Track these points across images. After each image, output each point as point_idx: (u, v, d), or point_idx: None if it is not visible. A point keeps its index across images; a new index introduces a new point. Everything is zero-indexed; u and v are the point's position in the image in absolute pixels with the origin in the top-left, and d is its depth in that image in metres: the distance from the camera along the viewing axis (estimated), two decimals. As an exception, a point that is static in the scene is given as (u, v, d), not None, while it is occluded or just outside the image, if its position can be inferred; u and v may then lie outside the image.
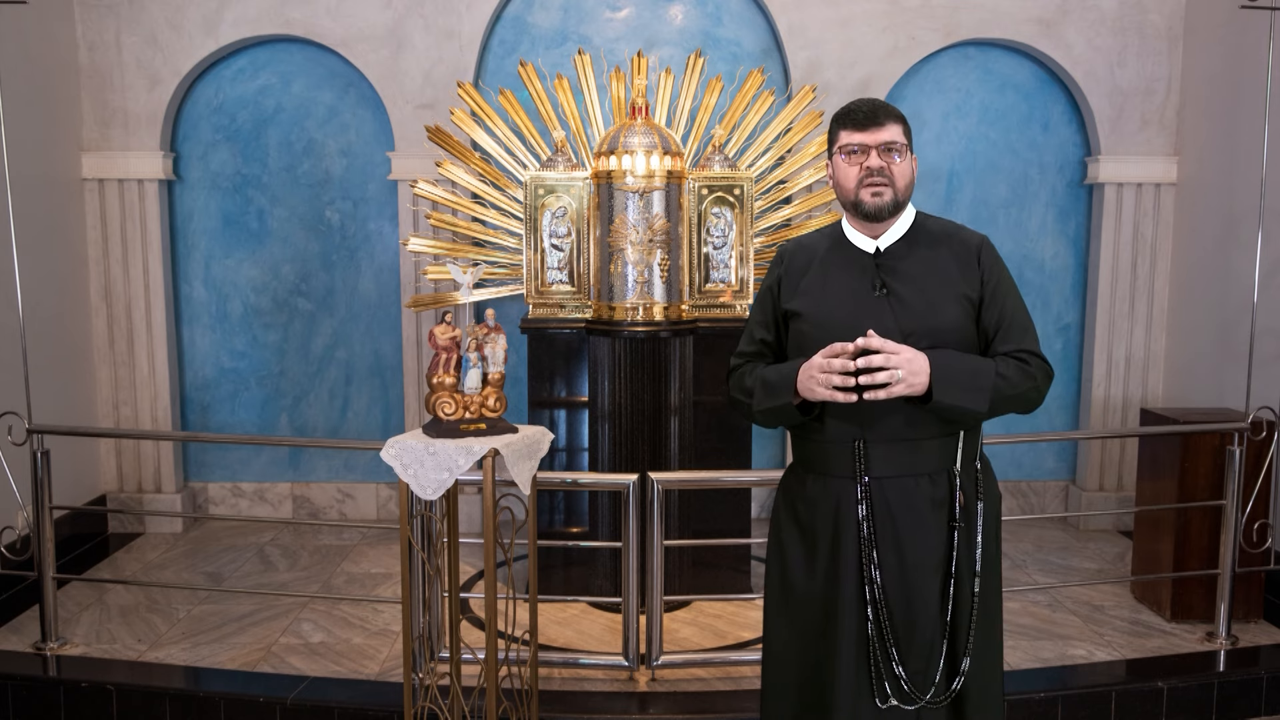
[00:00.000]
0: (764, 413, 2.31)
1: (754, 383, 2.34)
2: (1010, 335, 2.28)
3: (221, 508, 5.55)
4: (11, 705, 3.59)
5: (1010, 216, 5.50)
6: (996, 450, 5.02)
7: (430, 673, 3.01)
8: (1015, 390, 2.21)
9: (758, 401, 2.32)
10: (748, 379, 2.37)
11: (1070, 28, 5.22)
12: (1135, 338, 5.37)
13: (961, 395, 2.16)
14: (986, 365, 2.21)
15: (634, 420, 4.07)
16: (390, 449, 2.65)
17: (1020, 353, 2.26)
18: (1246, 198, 4.58)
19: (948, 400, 2.15)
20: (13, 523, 3.97)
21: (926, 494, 2.25)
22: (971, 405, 2.17)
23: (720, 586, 4.34)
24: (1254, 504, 3.93)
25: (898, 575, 2.23)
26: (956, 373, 2.16)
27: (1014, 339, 2.28)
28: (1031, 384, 2.24)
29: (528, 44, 5.32)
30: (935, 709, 2.25)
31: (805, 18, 5.19)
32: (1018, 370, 2.23)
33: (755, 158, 4.55)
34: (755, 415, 2.34)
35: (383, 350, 5.49)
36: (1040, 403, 2.30)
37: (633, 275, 4.06)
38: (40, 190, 4.78)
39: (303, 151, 5.38)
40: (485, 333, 2.76)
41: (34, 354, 4.07)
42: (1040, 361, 2.28)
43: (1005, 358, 2.25)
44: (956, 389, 2.15)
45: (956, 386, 2.15)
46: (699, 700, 3.47)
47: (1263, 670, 3.67)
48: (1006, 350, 2.26)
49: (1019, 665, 3.71)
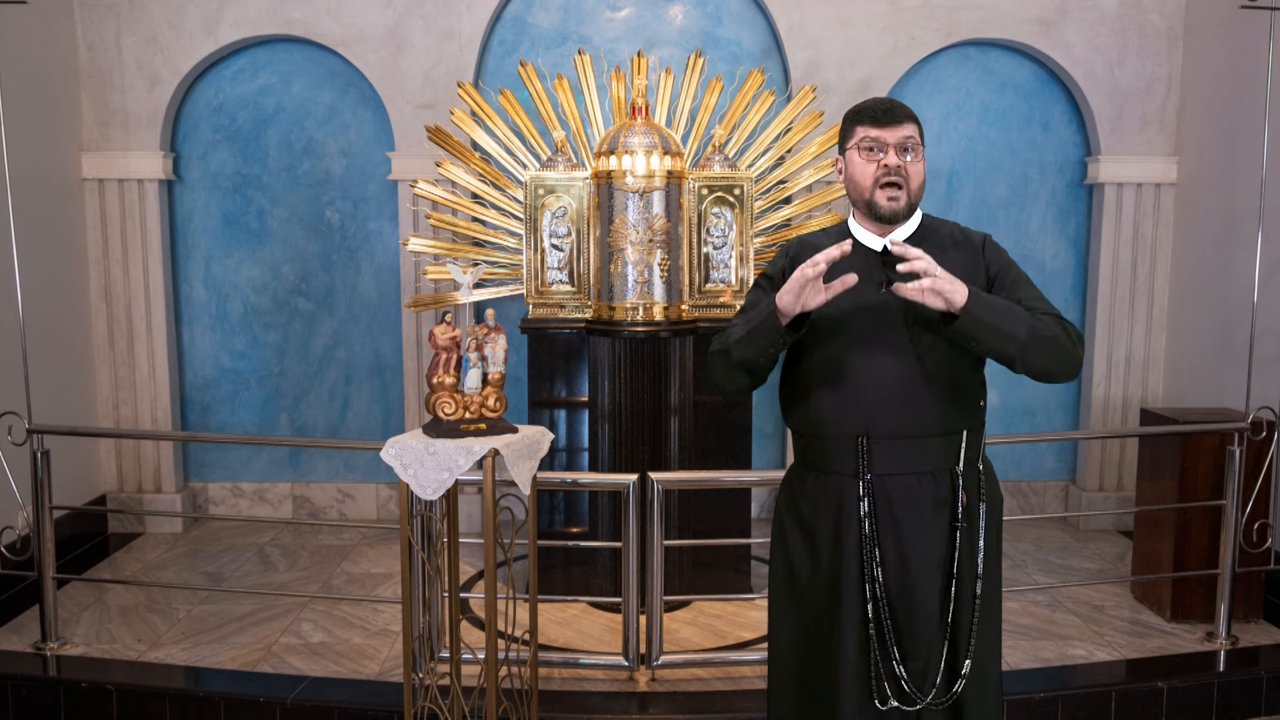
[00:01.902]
0: (740, 341, 2.21)
1: (735, 323, 2.29)
2: (1034, 307, 2.22)
3: (221, 508, 5.55)
4: (11, 705, 3.59)
5: (1010, 216, 5.50)
6: (996, 450, 5.02)
7: (430, 673, 3.01)
8: (1051, 332, 2.14)
9: (736, 333, 2.23)
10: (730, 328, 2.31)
11: (1070, 28, 5.22)
12: (1135, 338, 5.37)
13: (997, 318, 2.08)
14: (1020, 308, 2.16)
15: (634, 420, 4.07)
16: (390, 449, 2.65)
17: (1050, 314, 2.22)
18: (1246, 198, 4.57)
19: (985, 318, 2.06)
20: (13, 523, 3.97)
21: (929, 493, 2.24)
22: (1010, 329, 2.08)
23: (720, 586, 4.34)
24: (1254, 504, 3.93)
25: (899, 574, 2.23)
26: (993, 301, 2.11)
27: (1039, 308, 2.23)
28: (1065, 334, 2.17)
29: (528, 44, 5.32)
30: (935, 711, 2.25)
31: (805, 18, 5.18)
32: (1054, 321, 2.18)
33: (755, 158, 4.55)
34: (731, 349, 2.25)
35: (383, 350, 5.49)
36: (1076, 369, 2.21)
37: (633, 275, 4.06)
38: (40, 190, 4.78)
39: (303, 151, 5.38)
40: (485, 333, 2.76)
41: (34, 354, 4.07)
42: (1071, 326, 2.22)
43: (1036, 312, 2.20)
44: (992, 311, 2.08)
45: (992, 310, 2.09)
46: (699, 700, 3.47)
47: (1263, 670, 3.67)
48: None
49: (1019, 665, 3.71)
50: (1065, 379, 2.23)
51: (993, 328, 2.08)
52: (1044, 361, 2.15)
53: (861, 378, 2.22)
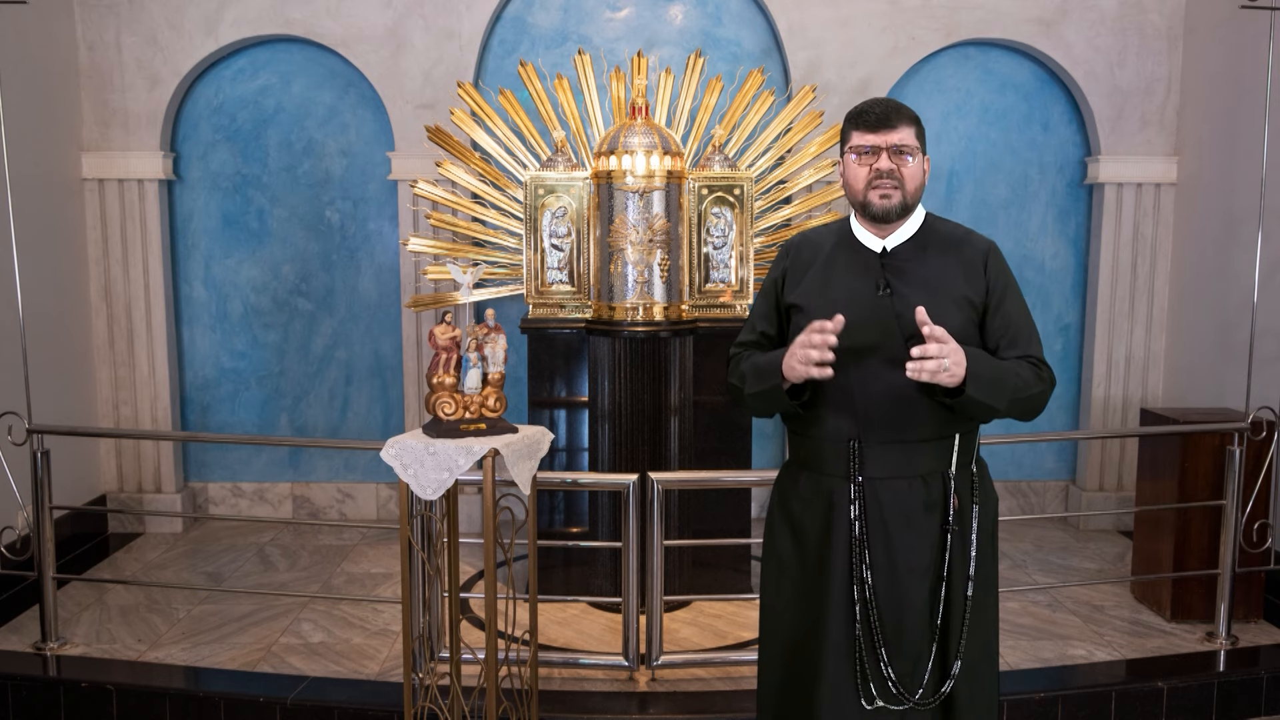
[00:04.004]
0: (754, 397, 2.29)
1: (748, 368, 2.32)
2: (1017, 342, 2.27)
3: (221, 508, 5.55)
4: (11, 705, 3.59)
5: (1010, 216, 5.50)
6: (996, 450, 5.02)
7: (430, 673, 3.01)
8: (1028, 392, 2.22)
9: (749, 386, 2.30)
10: (743, 364, 2.35)
11: (1070, 28, 5.22)
12: (1135, 338, 5.37)
13: (989, 393, 2.14)
14: (1009, 368, 2.21)
15: (634, 420, 4.07)
16: (390, 449, 2.65)
17: (1031, 359, 2.26)
18: (1246, 198, 4.57)
19: (979, 396, 2.12)
20: (13, 523, 3.97)
21: (920, 496, 2.24)
22: (995, 404, 2.16)
23: (720, 586, 4.34)
24: (1254, 504, 3.93)
25: (888, 577, 2.22)
26: (986, 369, 2.15)
27: (1021, 346, 2.27)
28: (1041, 389, 2.25)
29: (528, 44, 5.32)
30: (922, 711, 2.24)
31: (805, 18, 5.18)
32: (1032, 374, 2.24)
33: (755, 158, 4.55)
34: (747, 400, 2.32)
35: (383, 350, 5.49)
36: (1041, 411, 2.30)
37: (633, 275, 4.06)
38: (40, 190, 4.78)
39: (303, 151, 5.38)
40: (485, 333, 2.76)
41: (34, 354, 4.07)
42: (1048, 370, 2.29)
43: (1019, 360, 2.24)
44: (987, 384, 2.14)
45: (987, 381, 2.14)
46: (699, 700, 3.47)
47: (1263, 670, 3.67)
48: (1015, 356, 2.26)
49: (1019, 665, 3.71)
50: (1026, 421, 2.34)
51: (983, 405, 2.16)
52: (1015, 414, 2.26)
53: (855, 381, 2.23)
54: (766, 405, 2.29)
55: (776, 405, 2.27)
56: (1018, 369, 2.22)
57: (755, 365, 2.30)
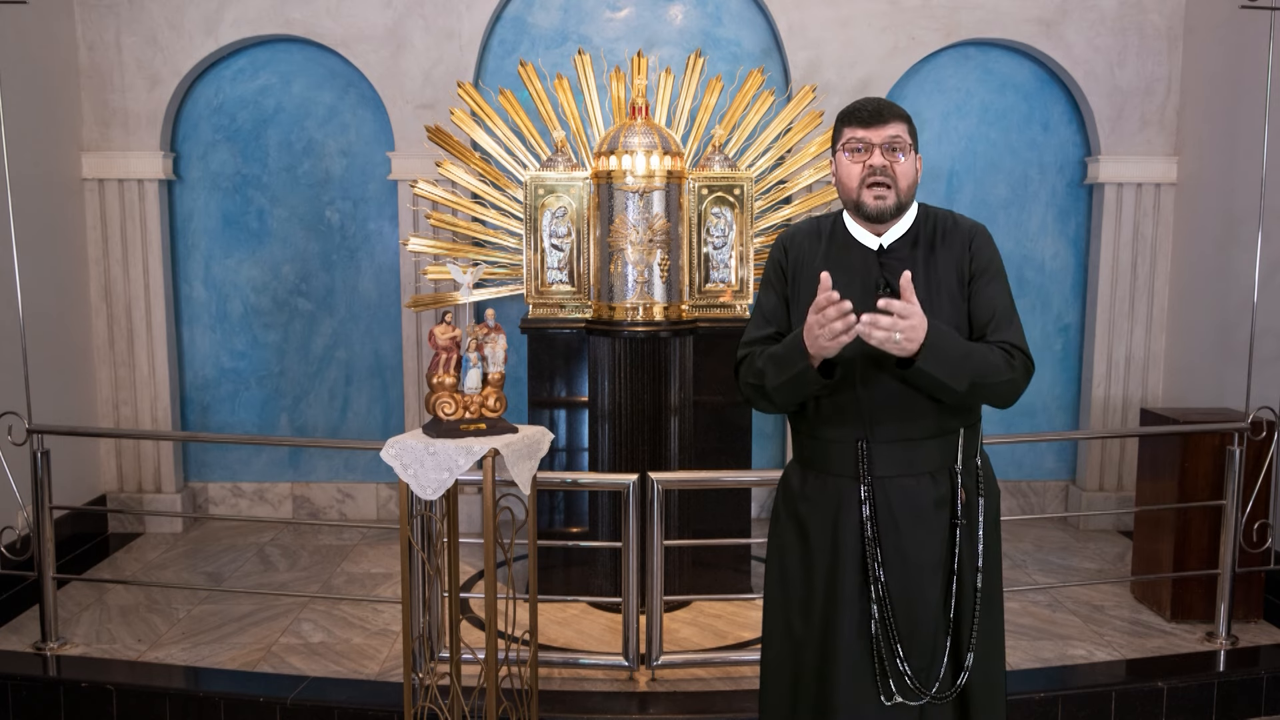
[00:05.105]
0: (779, 388, 2.22)
1: (764, 363, 2.26)
2: (998, 328, 2.25)
3: (221, 508, 5.55)
4: (11, 705, 3.59)
5: (1010, 216, 5.50)
6: (996, 450, 5.02)
7: (430, 673, 3.01)
8: (996, 378, 2.17)
9: (771, 379, 2.23)
10: (758, 361, 2.29)
11: (1070, 28, 5.22)
12: (1135, 338, 5.37)
13: (944, 370, 2.10)
14: (978, 350, 2.18)
15: (634, 420, 4.07)
16: (390, 449, 2.65)
17: (1005, 345, 2.23)
18: (1246, 198, 4.57)
19: (931, 370, 2.09)
20: (13, 523, 3.97)
21: (929, 493, 2.25)
22: (952, 384, 2.11)
23: (720, 586, 4.34)
24: (1254, 504, 3.93)
25: (900, 573, 2.23)
26: (948, 350, 2.11)
27: (1000, 331, 2.24)
28: (1010, 377, 2.20)
29: (528, 44, 5.32)
30: (940, 705, 2.25)
31: (805, 18, 5.19)
32: (1002, 359, 2.20)
33: (755, 158, 4.55)
34: (771, 394, 2.25)
35: (383, 350, 5.49)
36: (1016, 399, 2.26)
37: (633, 275, 4.06)
38: (40, 190, 4.78)
39: (303, 151, 5.38)
40: (485, 333, 2.76)
41: (34, 354, 4.07)
42: (1024, 357, 2.24)
43: (993, 346, 2.21)
44: (944, 363, 2.10)
45: (944, 361, 2.10)
46: (699, 700, 3.47)
47: (1263, 670, 3.67)
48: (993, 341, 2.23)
49: (1019, 665, 3.70)
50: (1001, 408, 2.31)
51: (936, 381, 2.11)
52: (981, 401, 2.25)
53: (861, 381, 2.23)
54: (794, 392, 2.22)
55: (806, 389, 2.20)
56: (987, 353, 2.18)
57: (773, 356, 2.24)
